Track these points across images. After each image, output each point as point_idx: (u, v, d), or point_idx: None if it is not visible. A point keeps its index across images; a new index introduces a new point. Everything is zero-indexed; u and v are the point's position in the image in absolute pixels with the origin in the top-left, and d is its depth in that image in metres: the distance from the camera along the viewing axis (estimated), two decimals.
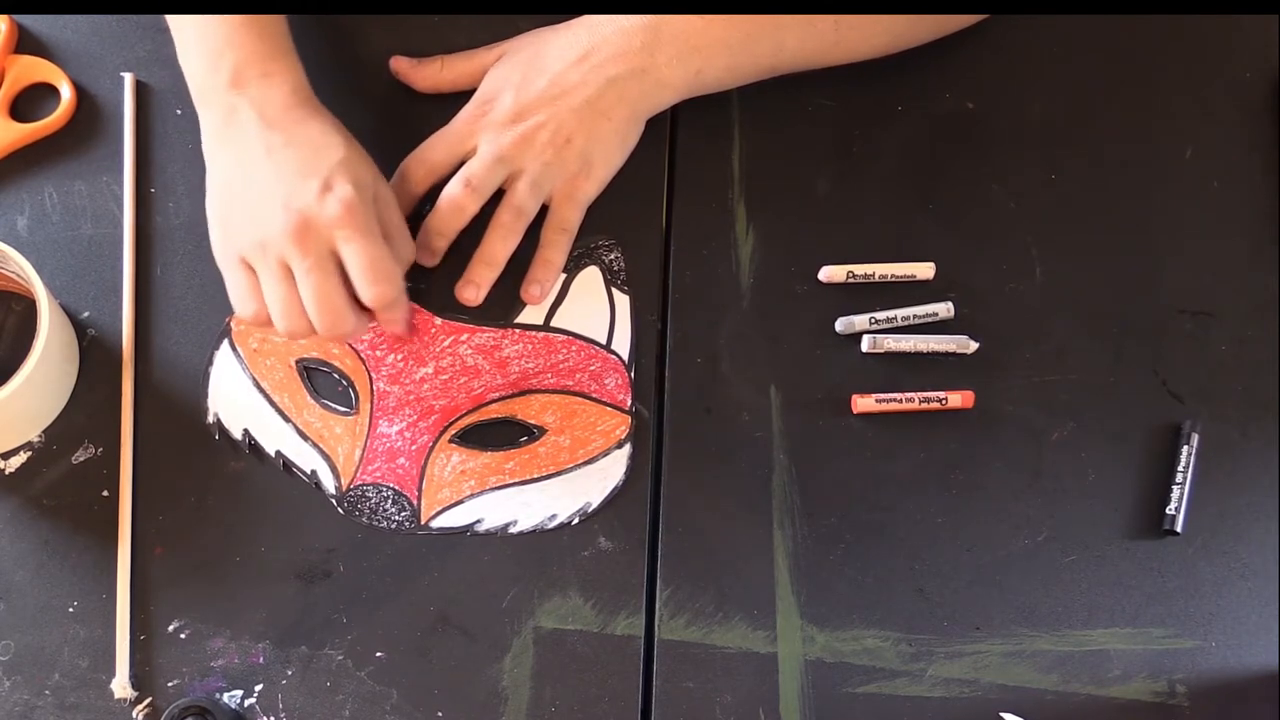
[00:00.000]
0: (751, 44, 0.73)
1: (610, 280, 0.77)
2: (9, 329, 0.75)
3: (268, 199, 0.66)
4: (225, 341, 0.75)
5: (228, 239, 0.69)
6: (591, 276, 0.77)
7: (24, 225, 0.77)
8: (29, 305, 0.74)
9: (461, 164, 0.74)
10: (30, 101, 0.79)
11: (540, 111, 0.72)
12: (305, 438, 0.74)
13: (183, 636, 0.71)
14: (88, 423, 0.74)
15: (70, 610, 0.71)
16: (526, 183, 0.73)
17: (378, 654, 0.71)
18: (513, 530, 0.73)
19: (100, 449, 0.73)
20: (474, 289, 0.74)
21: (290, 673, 0.71)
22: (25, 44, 0.81)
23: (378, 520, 0.73)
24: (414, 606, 0.72)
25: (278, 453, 0.73)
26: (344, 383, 0.75)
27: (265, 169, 0.67)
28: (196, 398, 0.74)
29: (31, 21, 0.81)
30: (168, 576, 0.72)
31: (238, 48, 0.69)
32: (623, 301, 0.76)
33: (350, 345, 0.75)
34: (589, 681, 0.71)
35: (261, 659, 0.71)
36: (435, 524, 0.73)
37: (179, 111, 0.79)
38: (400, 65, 0.78)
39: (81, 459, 0.73)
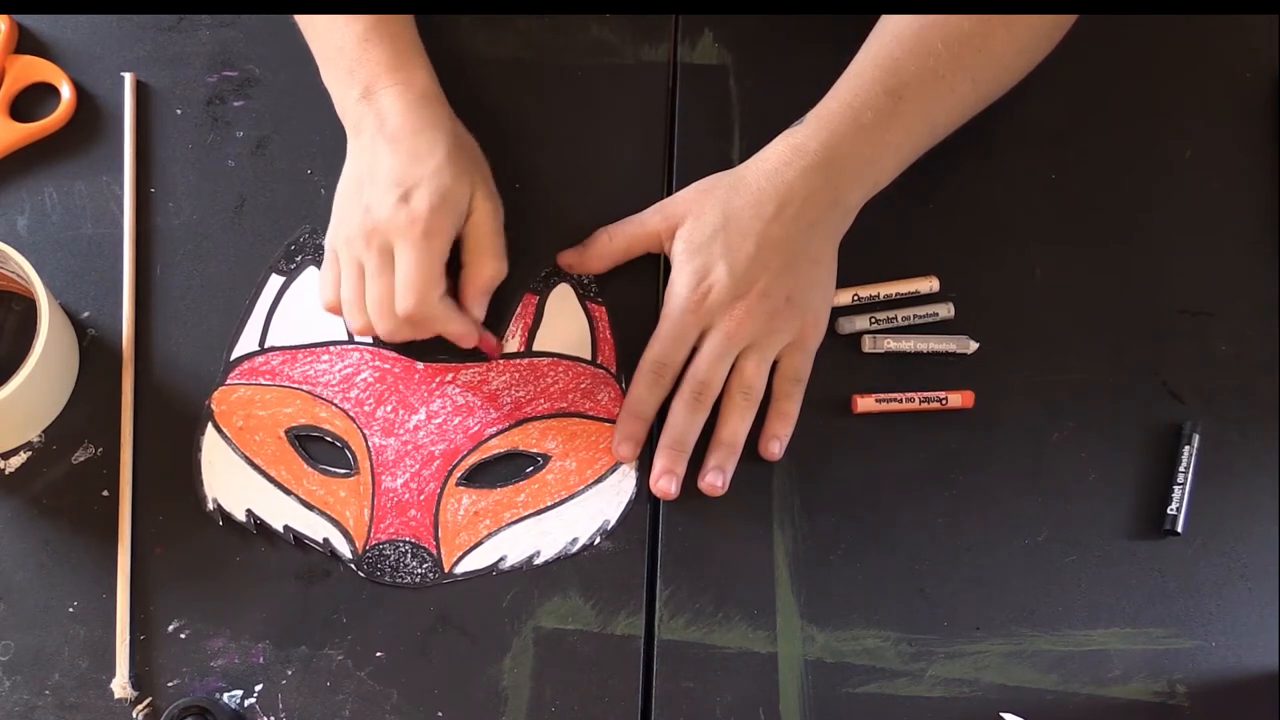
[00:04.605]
0: (913, 139, 0.73)
1: (583, 295, 0.76)
2: (9, 329, 0.75)
3: (361, 202, 0.70)
4: (209, 424, 0.74)
5: (332, 232, 0.74)
6: (564, 294, 0.76)
7: (24, 225, 0.77)
8: (29, 305, 0.74)
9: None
10: (30, 101, 0.79)
11: (759, 277, 0.71)
12: (310, 507, 0.72)
13: (183, 636, 0.71)
14: (88, 423, 0.74)
15: (70, 610, 0.71)
16: (755, 359, 0.72)
17: (378, 654, 0.71)
18: (537, 561, 0.72)
19: (100, 449, 0.73)
20: (721, 475, 0.72)
21: (290, 673, 0.71)
22: (25, 44, 0.81)
23: (400, 577, 0.71)
24: (414, 606, 0.71)
25: (286, 528, 0.72)
26: (338, 444, 0.73)
27: (374, 176, 0.70)
28: (197, 398, 0.74)
29: (31, 21, 0.81)
30: (168, 576, 0.72)
31: (368, 62, 0.72)
32: (599, 314, 0.76)
33: (338, 405, 0.74)
34: (589, 681, 0.71)
35: (261, 659, 0.71)
36: (459, 569, 0.71)
37: (179, 111, 0.79)
38: (569, 259, 0.76)
39: (81, 459, 0.73)
